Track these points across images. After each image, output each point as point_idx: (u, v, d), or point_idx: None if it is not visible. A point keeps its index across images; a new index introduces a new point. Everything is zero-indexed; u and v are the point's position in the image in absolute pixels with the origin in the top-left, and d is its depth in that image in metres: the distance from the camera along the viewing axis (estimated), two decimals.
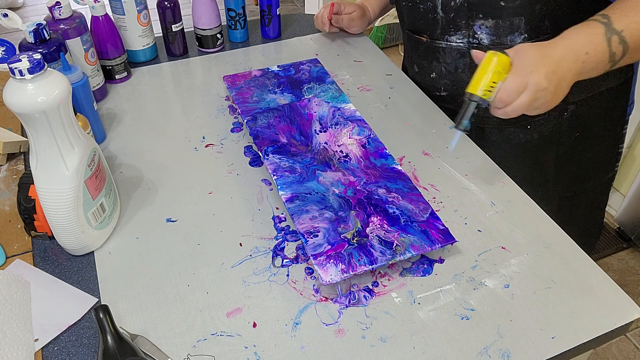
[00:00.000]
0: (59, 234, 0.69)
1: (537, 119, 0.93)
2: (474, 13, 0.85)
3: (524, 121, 0.93)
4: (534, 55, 0.70)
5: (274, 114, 0.91)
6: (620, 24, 0.71)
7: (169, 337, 0.63)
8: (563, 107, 0.91)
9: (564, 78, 0.70)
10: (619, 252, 1.86)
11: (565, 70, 0.70)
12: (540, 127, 0.94)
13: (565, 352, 0.62)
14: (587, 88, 0.89)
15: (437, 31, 0.91)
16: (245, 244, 0.74)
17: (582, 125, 0.94)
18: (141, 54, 1.12)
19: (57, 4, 0.91)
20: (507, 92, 0.70)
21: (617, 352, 1.57)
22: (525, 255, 0.72)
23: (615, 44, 0.70)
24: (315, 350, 0.62)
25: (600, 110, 0.94)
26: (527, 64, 0.70)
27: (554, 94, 0.70)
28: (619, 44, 0.70)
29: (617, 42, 0.70)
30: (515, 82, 0.69)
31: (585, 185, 1.02)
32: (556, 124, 0.93)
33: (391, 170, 0.80)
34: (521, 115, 0.89)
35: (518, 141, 0.96)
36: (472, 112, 0.74)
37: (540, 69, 0.69)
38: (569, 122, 0.93)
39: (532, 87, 0.69)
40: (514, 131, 0.96)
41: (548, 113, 0.90)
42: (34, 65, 0.59)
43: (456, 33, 0.89)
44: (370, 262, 0.67)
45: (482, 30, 0.86)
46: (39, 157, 0.65)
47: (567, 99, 0.89)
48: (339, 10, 1.18)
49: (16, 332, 0.62)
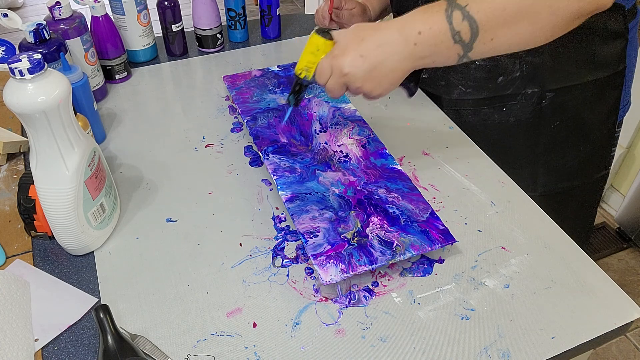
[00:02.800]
0: (59, 234, 0.69)
1: (511, 102, 0.92)
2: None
3: (497, 103, 0.93)
4: (349, 38, 0.68)
5: (274, 114, 0.91)
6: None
7: (169, 337, 0.63)
8: (541, 93, 0.90)
9: (382, 63, 0.66)
10: (619, 252, 1.86)
11: (386, 56, 0.65)
12: (517, 111, 0.93)
13: (565, 352, 0.62)
14: (566, 77, 0.88)
15: None
16: (245, 244, 0.74)
17: (564, 114, 0.93)
18: (141, 54, 1.12)
19: (57, 4, 0.91)
20: (318, 73, 0.70)
21: (617, 352, 1.57)
22: (525, 255, 0.72)
23: (457, 20, 0.62)
24: (315, 350, 0.62)
25: (586, 103, 0.93)
26: (339, 46, 0.68)
27: (364, 79, 0.67)
28: (462, 20, 0.62)
29: (459, 18, 0.62)
30: (322, 64, 0.69)
31: (575, 181, 1.02)
32: (535, 110, 0.92)
33: (391, 170, 0.80)
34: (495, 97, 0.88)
35: (492, 121, 0.96)
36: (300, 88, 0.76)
37: (348, 52, 0.67)
38: (548, 109, 0.92)
39: (335, 71, 0.68)
40: (488, 111, 0.95)
41: (524, 98, 0.91)
42: (34, 65, 0.59)
43: None
44: (370, 262, 0.67)
45: None
46: (39, 157, 0.65)
47: (544, 85, 0.89)
48: (340, 5, 1.18)
49: (16, 332, 0.62)
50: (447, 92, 0.98)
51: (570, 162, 0.99)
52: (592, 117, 0.95)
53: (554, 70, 0.68)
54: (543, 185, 0.99)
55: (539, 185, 0.99)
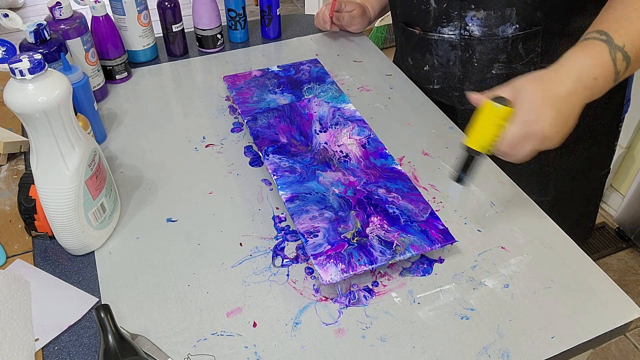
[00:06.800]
0: (59, 234, 0.70)
1: None
2: (466, 3, 0.85)
3: None
4: (537, 98, 0.64)
5: (274, 114, 0.91)
6: (620, 38, 0.65)
7: (169, 337, 0.63)
8: None
9: (572, 114, 0.65)
10: (619, 252, 1.86)
11: (573, 106, 0.65)
12: None
13: (564, 352, 0.62)
14: None
15: (429, 22, 0.91)
16: (245, 244, 0.74)
17: None
18: (141, 54, 1.13)
19: (57, 4, 0.91)
20: (509, 144, 0.65)
21: (617, 352, 1.57)
22: (524, 255, 0.72)
23: (619, 61, 0.66)
24: (315, 350, 0.62)
25: (595, 106, 0.93)
26: (530, 110, 0.64)
27: (561, 135, 0.66)
28: (623, 60, 0.66)
29: (621, 59, 0.66)
30: (517, 133, 0.64)
31: (581, 181, 1.02)
32: None
33: (391, 170, 0.80)
34: None
35: None
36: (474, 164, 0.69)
37: (546, 114, 0.63)
38: None
39: (536, 137, 0.64)
40: None
41: None
42: (35, 65, 0.59)
43: (448, 24, 0.89)
44: (370, 262, 0.67)
45: (474, 22, 0.86)
46: (39, 157, 0.65)
47: None
48: (340, 8, 1.18)
49: (17, 331, 0.62)
50: (461, 103, 0.98)
51: (578, 163, 0.99)
52: (600, 118, 0.96)
53: None
54: (554, 189, 0.99)
55: (550, 189, 0.99)
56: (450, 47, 0.91)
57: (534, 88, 0.65)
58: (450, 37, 0.90)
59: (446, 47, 0.91)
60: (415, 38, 0.96)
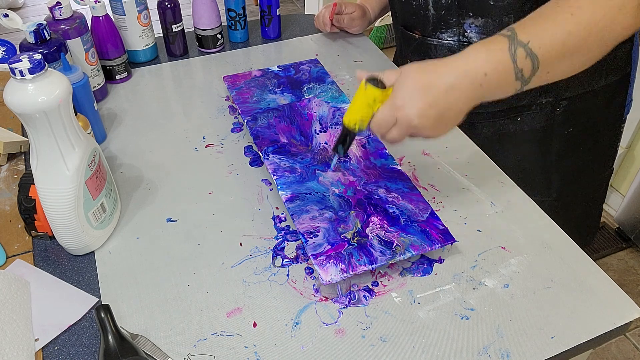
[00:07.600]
0: (59, 234, 0.70)
1: (526, 112, 0.93)
2: (464, 11, 0.85)
3: (513, 113, 0.93)
4: (412, 86, 0.63)
5: (274, 114, 0.91)
6: (526, 35, 0.62)
7: (169, 337, 0.63)
8: (555, 102, 0.91)
9: (449, 108, 0.63)
10: (619, 252, 1.86)
11: (453, 100, 0.63)
12: (531, 121, 0.93)
13: (564, 352, 0.62)
14: (580, 85, 0.89)
15: (428, 28, 0.91)
16: (245, 244, 0.74)
17: (577, 120, 0.93)
18: (141, 54, 1.13)
19: (57, 4, 0.91)
20: (377, 124, 0.65)
21: (617, 352, 1.57)
22: (524, 255, 0.72)
23: (520, 58, 0.62)
24: (315, 350, 0.62)
25: (597, 107, 0.94)
26: (401, 95, 0.63)
27: (433, 127, 0.64)
28: (526, 57, 0.62)
29: (523, 55, 0.62)
30: (384, 115, 0.64)
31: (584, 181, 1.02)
32: (548, 119, 0.93)
33: (391, 170, 0.80)
34: (510, 108, 0.87)
35: (507, 131, 0.96)
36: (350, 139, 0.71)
37: (415, 103, 0.63)
38: (562, 117, 0.93)
39: (402, 124, 0.64)
40: (503, 122, 0.95)
41: (538, 107, 0.91)
42: (35, 65, 0.59)
43: (447, 31, 0.89)
44: (370, 262, 0.67)
45: (472, 29, 0.86)
46: (39, 157, 0.65)
47: (558, 94, 0.89)
48: (340, 10, 1.18)
49: (17, 331, 0.62)
50: None
51: (581, 163, 0.99)
52: (603, 120, 0.96)
53: (568, 79, 0.68)
54: (557, 190, 1.00)
55: (554, 189, 0.99)
56: (449, 53, 0.91)
57: (415, 75, 0.64)
58: (449, 43, 0.90)
59: (445, 52, 0.91)
60: (415, 42, 0.96)
